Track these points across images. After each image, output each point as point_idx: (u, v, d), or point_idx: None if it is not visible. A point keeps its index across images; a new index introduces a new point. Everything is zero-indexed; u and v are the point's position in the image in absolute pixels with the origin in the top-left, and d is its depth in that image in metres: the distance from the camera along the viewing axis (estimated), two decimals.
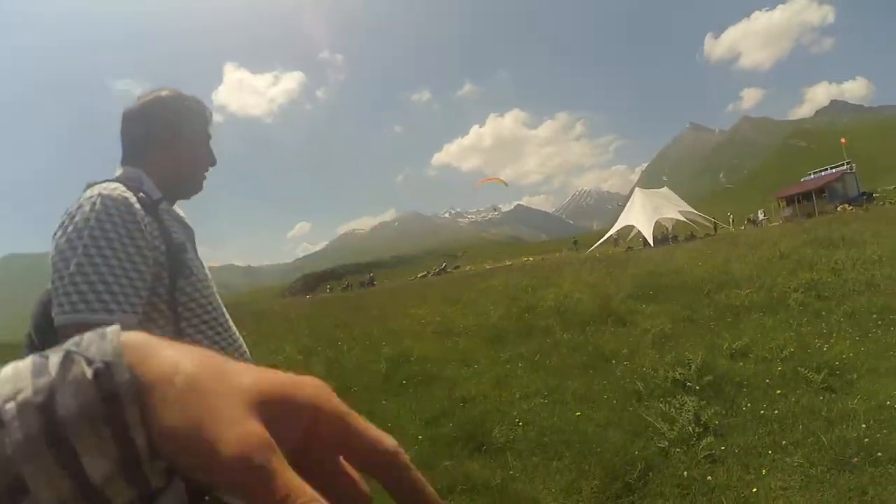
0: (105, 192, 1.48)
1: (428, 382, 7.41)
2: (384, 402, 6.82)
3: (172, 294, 1.56)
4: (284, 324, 14.67)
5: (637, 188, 49.39)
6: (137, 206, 1.52)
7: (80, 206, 1.46)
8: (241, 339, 1.82)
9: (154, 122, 1.72)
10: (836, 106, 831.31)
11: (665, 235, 43.03)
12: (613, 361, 7.52)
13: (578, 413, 5.65)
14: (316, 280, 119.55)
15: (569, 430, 5.34)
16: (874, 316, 8.35)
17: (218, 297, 1.76)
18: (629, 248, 42.39)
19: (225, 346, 1.69)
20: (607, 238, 49.42)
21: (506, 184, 65.32)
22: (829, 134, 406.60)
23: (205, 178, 1.88)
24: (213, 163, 1.87)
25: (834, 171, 56.39)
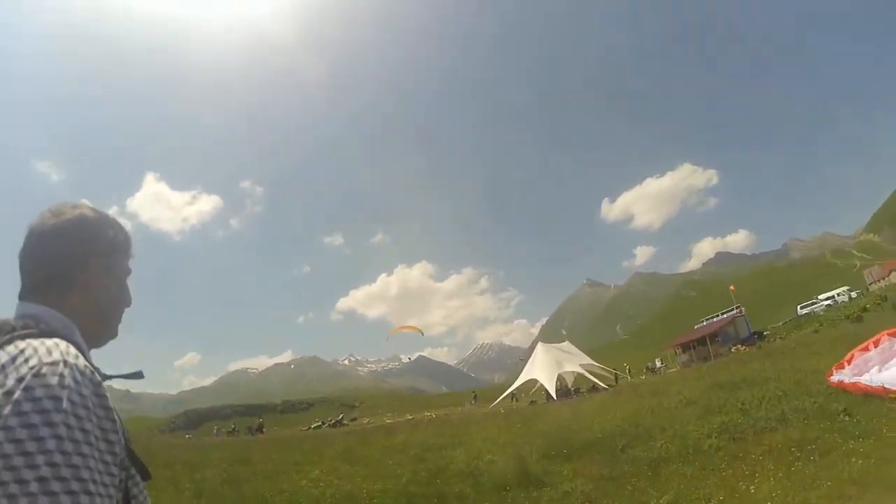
0: (71, 360, 1.18)
1: None
2: None
3: (128, 495, 1.28)
4: (165, 471, 13.09)
5: (539, 343, 50.47)
6: (104, 388, 1.23)
7: (36, 373, 1.12)
8: None
9: (79, 253, 1.41)
10: (722, 257, 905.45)
11: (567, 388, 43.56)
12: None
13: None
14: (200, 417, 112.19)
15: None
16: (793, 449, 8.68)
17: None
18: (532, 401, 42.45)
19: None
20: (508, 393, 49.56)
21: (422, 332, 65.06)
22: (717, 283, 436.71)
23: (120, 321, 1.56)
24: (128, 304, 1.56)
25: (725, 315, 59.85)
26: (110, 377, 1.37)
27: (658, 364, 61.91)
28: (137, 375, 1.56)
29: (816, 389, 12.92)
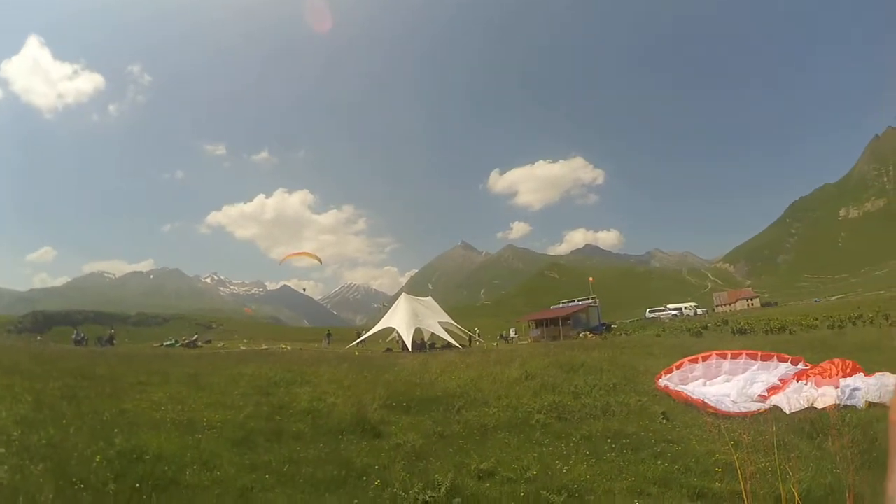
0: None
1: (164, 488, 6.71)
2: None
3: None
4: (4, 379, 12.68)
5: (404, 293, 51.07)
6: None
7: None
8: None
9: None
10: (590, 249, 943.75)
11: (423, 342, 44.50)
12: (365, 478, 7.51)
13: None
14: (48, 320, 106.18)
15: None
16: (609, 440, 9.49)
17: None
18: (388, 349, 43.21)
19: None
20: (363, 339, 50.26)
21: (320, 261, 63.20)
22: (580, 271, 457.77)
23: None
24: None
25: (580, 302, 63.68)
26: None
27: (512, 334, 65.01)
28: None
29: (644, 389, 14.03)
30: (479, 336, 55.91)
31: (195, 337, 66.06)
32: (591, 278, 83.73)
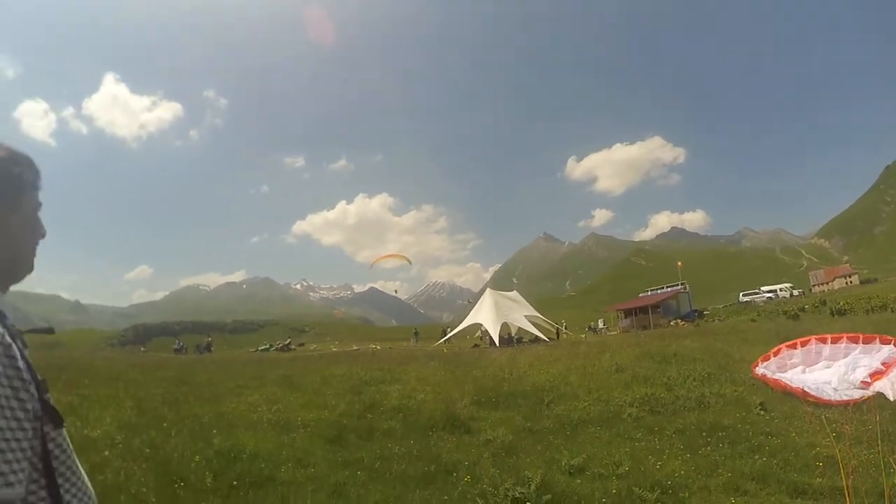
0: None
1: (261, 485, 6.88)
2: None
3: (45, 446, 1.37)
4: (108, 387, 13.39)
5: (489, 288, 51.02)
6: (15, 349, 1.30)
7: None
8: (91, 489, 1.56)
9: None
10: (676, 232, 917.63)
11: (510, 337, 44.33)
12: (455, 474, 7.44)
13: None
14: (149, 332, 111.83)
15: None
16: (703, 433, 9.00)
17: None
18: (475, 345, 43.29)
19: (87, 500, 1.50)
20: (451, 335, 50.51)
21: (409, 261, 64.23)
22: (667, 256, 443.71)
23: (35, 254, 1.58)
24: (42, 235, 1.59)
25: (669, 289, 61.71)
26: (24, 332, 1.48)
27: (600, 325, 63.66)
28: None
29: (740, 378, 13.28)
30: (566, 328, 55.15)
31: (288, 341, 68.24)
32: (679, 263, 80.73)
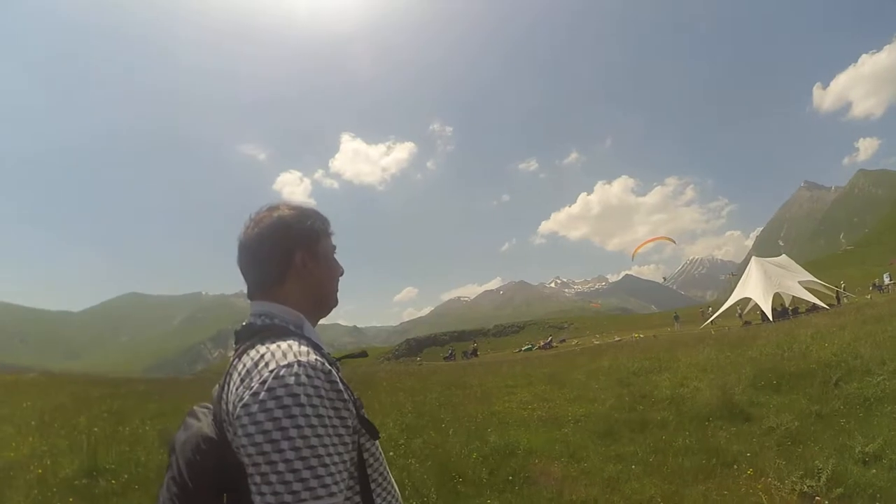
0: (303, 359, 1.43)
1: (535, 480, 7.02)
2: (488, 502, 6.42)
3: (361, 455, 1.55)
4: (389, 396, 14.58)
5: (753, 258, 46.97)
6: (335, 374, 1.49)
7: (276, 375, 1.39)
8: (398, 492, 1.77)
9: (284, 247, 1.67)
10: None
11: (784, 308, 40.59)
12: (735, 467, 6.95)
13: None
14: (419, 345, 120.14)
15: None
16: None
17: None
18: (746, 322, 40.36)
19: (394, 501, 1.70)
20: (718, 314, 47.47)
21: (674, 241, 62.80)
22: None
23: (338, 289, 1.84)
24: (342, 273, 1.83)
25: None
26: (339, 359, 1.72)
27: (886, 281, 54.22)
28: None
29: None
30: (845, 290, 48.85)
31: (549, 339, 69.26)
32: None
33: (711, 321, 46.86)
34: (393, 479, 1.73)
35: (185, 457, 1.52)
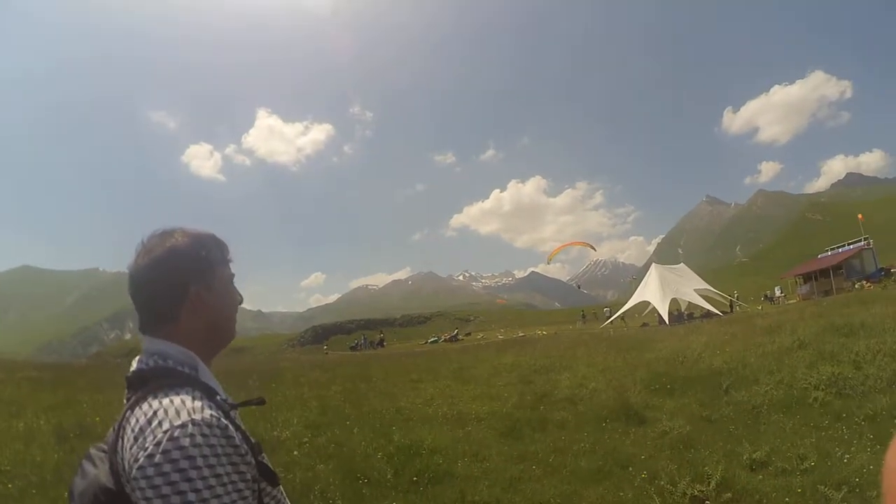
0: (197, 417, 1.36)
1: (439, 480, 7.11)
2: None
3: (261, 500, 1.50)
4: (293, 389, 14.36)
5: (654, 264, 49.32)
6: (231, 428, 1.41)
7: (170, 437, 1.33)
8: None
9: (177, 280, 1.56)
10: (852, 178, 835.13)
11: (680, 313, 42.63)
12: (630, 468, 7.27)
13: None
14: (326, 332, 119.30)
15: None
16: None
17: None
18: (644, 324, 42.06)
19: None
20: (618, 315, 49.57)
21: (594, 248, 63.87)
22: (845, 207, 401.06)
23: (235, 321, 1.72)
24: (241, 301, 1.72)
25: (851, 247, 55.42)
26: (236, 406, 1.58)
27: (777, 293, 58.82)
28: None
29: None
30: (738, 300, 51.85)
31: (455, 331, 69.97)
32: (860, 216, 72.38)
33: (611, 321, 48.67)
34: None
35: (85, 496, 1.44)
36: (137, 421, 1.39)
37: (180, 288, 1.55)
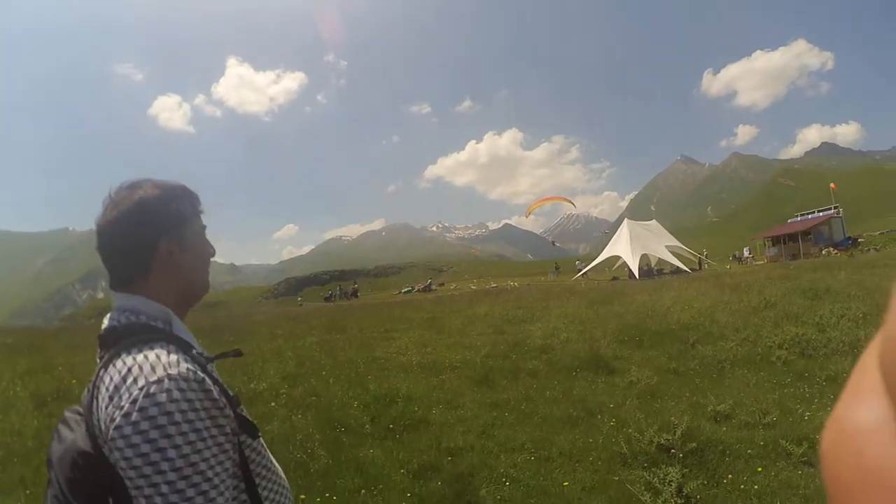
0: (173, 371, 1.32)
1: (415, 427, 7.33)
2: (371, 451, 6.64)
3: (242, 453, 1.46)
4: (269, 342, 14.50)
5: (626, 220, 49.80)
6: (208, 381, 1.37)
7: (146, 393, 1.28)
8: (284, 476, 1.68)
9: (147, 234, 1.50)
10: (827, 148, 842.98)
11: (650, 268, 43.30)
12: (599, 416, 7.51)
13: (566, 483, 5.60)
14: (299, 284, 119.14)
15: (554, 494, 5.36)
16: None
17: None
18: (614, 278, 42.66)
19: (284, 496, 1.62)
20: (590, 268, 50.32)
21: (574, 204, 63.93)
22: (818, 175, 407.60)
23: (208, 273, 1.66)
24: (213, 254, 1.67)
25: (821, 214, 56.81)
26: (213, 359, 1.53)
27: (746, 254, 60.33)
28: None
29: None
30: (708, 258, 52.76)
31: (429, 282, 70.34)
32: (832, 185, 73.58)
33: (583, 274, 49.30)
34: (278, 467, 1.65)
35: (65, 475, 1.40)
36: (112, 379, 1.35)
37: (150, 241, 1.50)
